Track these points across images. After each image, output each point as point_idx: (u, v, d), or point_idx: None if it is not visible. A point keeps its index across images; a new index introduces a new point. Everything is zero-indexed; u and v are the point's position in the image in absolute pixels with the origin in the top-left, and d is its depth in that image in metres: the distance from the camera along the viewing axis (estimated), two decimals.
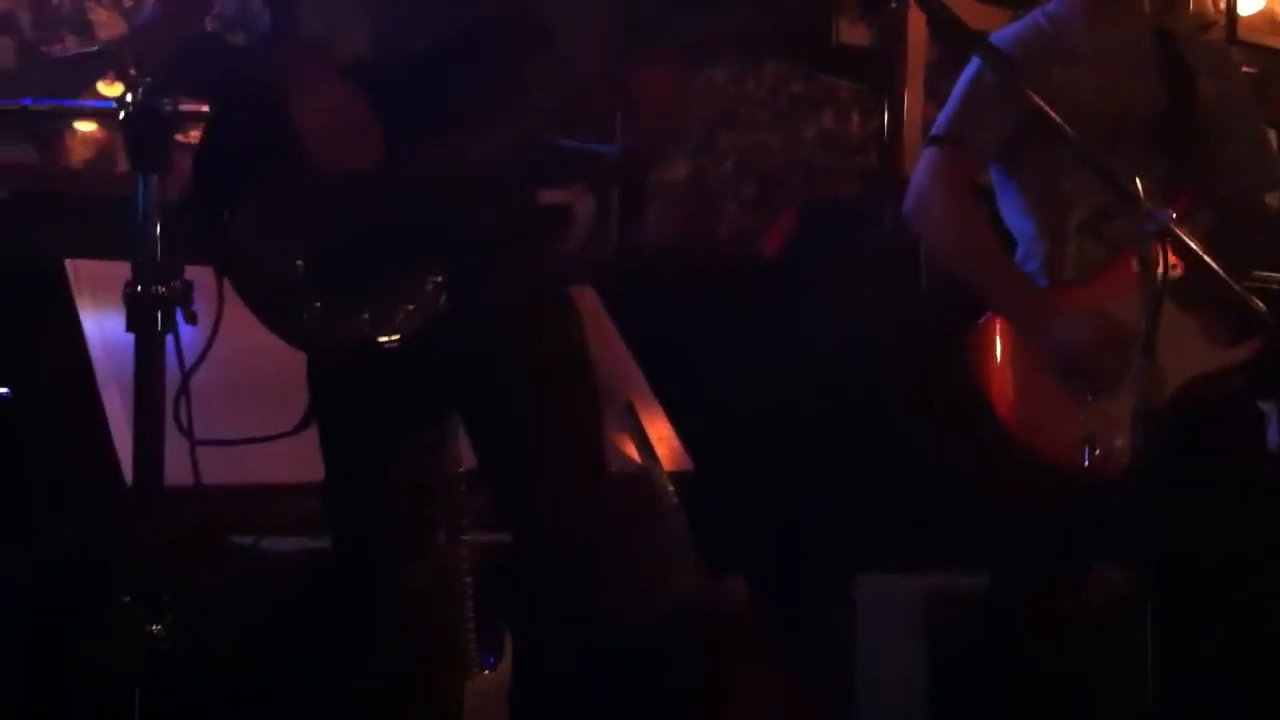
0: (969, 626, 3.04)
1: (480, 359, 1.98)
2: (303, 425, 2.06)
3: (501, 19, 1.97)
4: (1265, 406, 3.65)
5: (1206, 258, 1.95)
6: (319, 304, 1.90)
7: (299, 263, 1.90)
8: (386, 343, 1.90)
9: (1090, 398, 2.32)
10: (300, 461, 2.15)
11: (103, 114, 2.87)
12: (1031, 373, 2.40)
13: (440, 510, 2.14)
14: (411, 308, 1.89)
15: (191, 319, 1.77)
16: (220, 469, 2.02)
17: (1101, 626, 2.43)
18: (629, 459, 2.99)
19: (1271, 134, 3.22)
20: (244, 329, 1.95)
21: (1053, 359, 2.37)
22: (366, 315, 1.90)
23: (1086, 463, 2.26)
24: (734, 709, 3.02)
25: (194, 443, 1.92)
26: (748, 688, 3.04)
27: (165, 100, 1.81)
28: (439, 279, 1.89)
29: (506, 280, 1.99)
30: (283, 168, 1.91)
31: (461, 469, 2.34)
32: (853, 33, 4.16)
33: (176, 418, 1.90)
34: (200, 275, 1.88)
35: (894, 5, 3.99)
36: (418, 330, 1.89)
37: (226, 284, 1.94)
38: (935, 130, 2.56)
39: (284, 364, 2.07)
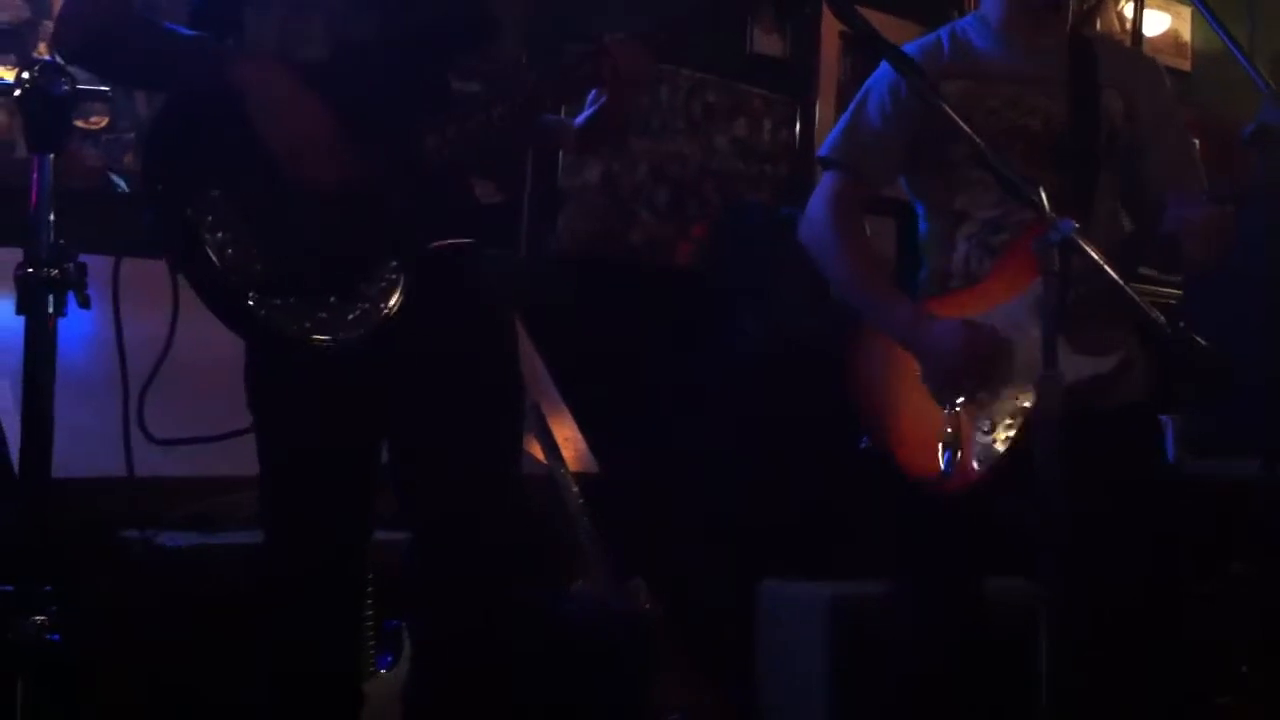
0: (870, 633, 3.06)
1: (418, 357, 1.98)
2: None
3: (451, 12, 2.01)
4: (1163, 418, 3.72)
5: (1106, 268, 1.97)
6: (278, 301, 1.89)
7: (262, 259, 1.89)
8: (344, 340, 1.90)
9: (950, 409, 2.36)
10: (198, 457, 2.12)
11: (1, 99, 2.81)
12: (900, 384, 2.44)
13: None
14: (366, 306, 1.90)
15: (85, 303, 1.73)
16: (114, 463, 1.98)
17: (999, 634, 2.45)
18: (535, 460, 2.98)
19: None
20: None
21: (927, 369, 2.40)
22: (324, 314, 1.89)
23: (946, 470, 2.30)
24: (638, 711, 3.02)
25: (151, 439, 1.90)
26: (653, 690, 3.04)
27: (62, 81, 1.78)
28: (393, 279, 1.91)
29: (457, 280, 2.01)
30: (245, 167, 1.90)
31: None
32: (767, 42, 4.19)
33: (138, 417, 1.91)
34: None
35: (807, 10, 4.04)
36: (372, 328, 1.90)
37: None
38: (827, 152, 2.58)
39: (224, 358, 2.05)
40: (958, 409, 2.36)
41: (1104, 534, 2.31)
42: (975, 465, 2.33)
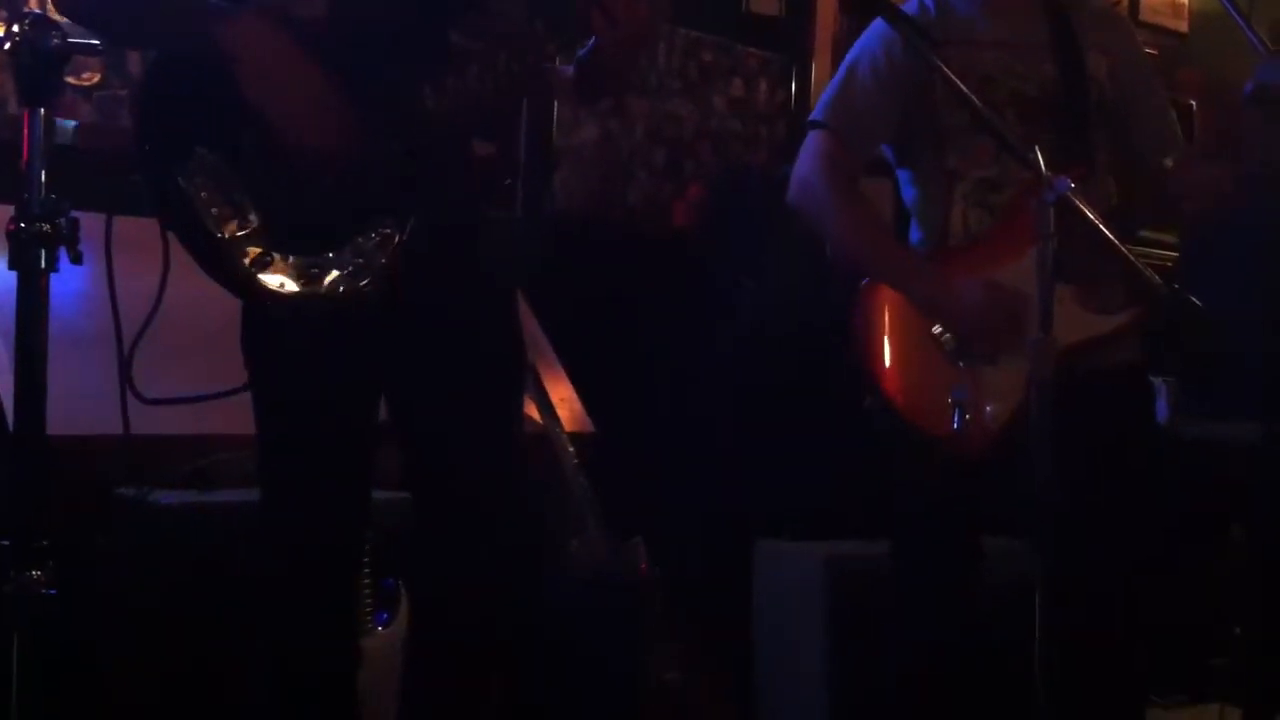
0: (866, 593, 3.07)
1: (420, 314, 1.98)
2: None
3: None
4: (1156, 381, 3.73)
5: (1101, 227, 1.97)
6: (270, 259, 1.87)
7: (252, 215, 1.87)
8: (338, 297, 1.88)
9: (963, 365, 2.35)
10: (193, 415, 2.12)
11: None
12: (908, 341, 2.42)
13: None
14: (361, 262, 1.89)
15: (77, 259, 1.72)
16: (110, 421, 1.98)
17: (995, 596, 2.46)
18: (531, 420, 2.98)
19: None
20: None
21: (947, 328, 2.39)
22: (317, 270, 1.88)
23: (956, 427, 2.29)
24: (635, 671, 3.03)
25: (140, 398, 1.90)
26: (649, 650, 3.05)
27: (53, 34, 1.77)
28: (388, 232, 1.89)
29: (456, 239, 2.00)
30: (235, 127, 1.88)
31: None
32: (763, 2, 4.17)
33: (125, 375, 1.91)
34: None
35: None
36: (369, 285, 1.88)
37: (172, 238, 1.91)
38: (817, 115, 2.56)
39: (217, 317, 2.04)
40: (964, 368, 2.35)
41: (1095, 496, 2.31)
42: (991, 426, 2.32)
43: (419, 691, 2.14)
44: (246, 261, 1.86)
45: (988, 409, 2.31)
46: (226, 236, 1.86)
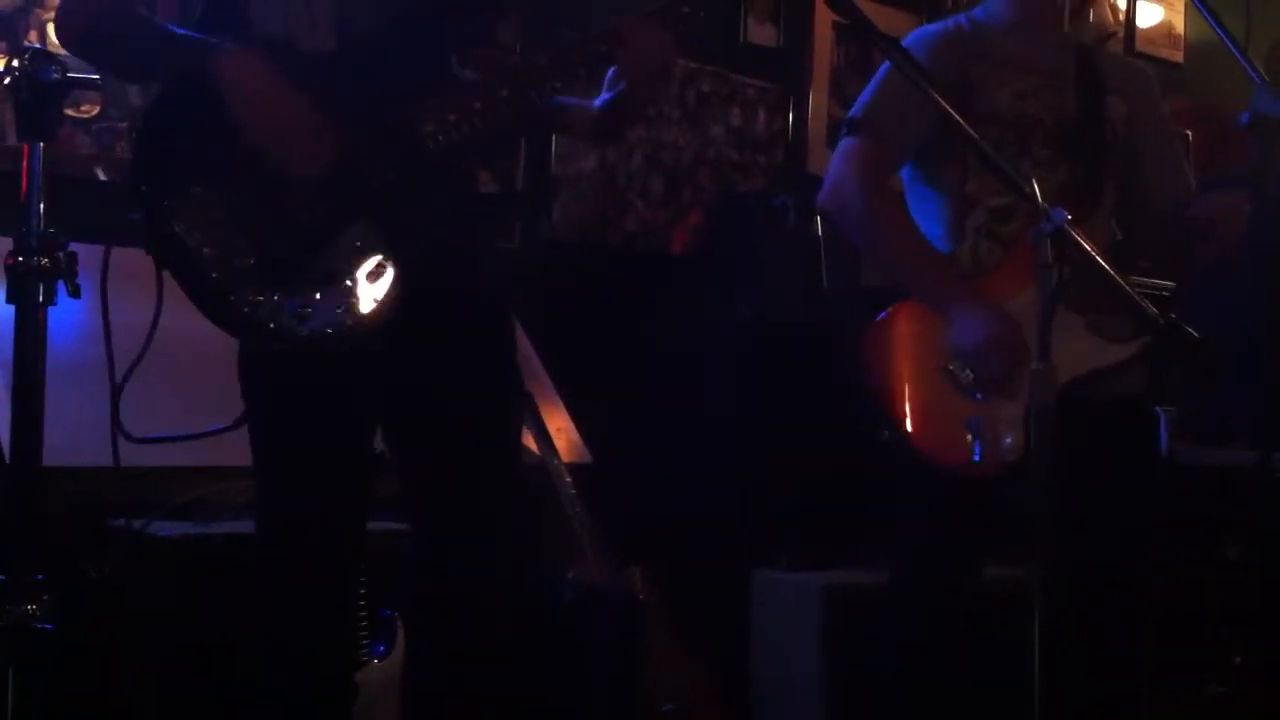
0: (863, 622, 3.07)
1: (418, 349, 1.97)
2: (242, 421, 2.02)
3: None
4: (1158, 410, 3.73)
5: (1098, 258, 1.98)
6: (264, 297, 1.86)
7: (247, 255, 1.86)
8: (335, 335, 1.87)
9: (979, 397, 2.34)
10: (188, 447, 2.12)
11: None
12: (921, 375, 2.41)
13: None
14: (352, 300, 1.88)
15: (75, 293, 1.72)
16: (106, 453, 1.98)
17: (992, 624, 2.46)
18: (529, 450, 2.98)
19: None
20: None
21: (960, 350, 2.38)
22: (312, 309, 1.87)
23: (977, 459, 2.28)
24: (633, 699, 3.03)
25: (128, 435, 1.88)
26: (647, 680, 3.05)
27: (53, 68, 1.78)
28: (384, 269, 1.89)
29: (456, 271, 2.00)
30: (229, 163, 1.87)
31: None
32: (761, 33, 4.18)
33: (113, 413, 1.90)
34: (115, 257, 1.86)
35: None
36: (365, 323, 1.88)
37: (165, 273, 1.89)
38: (855, 113, 2.54)
39: (210, 348, 2.02)
40: (980, 400, 2.34)
41: (1094, 522, 2.32)
42: (1009, 456, 2.30)
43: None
44: (241, 302, 1.85)
45: (1006, 440, 2.30)
46: (221, 277, 1.85)
